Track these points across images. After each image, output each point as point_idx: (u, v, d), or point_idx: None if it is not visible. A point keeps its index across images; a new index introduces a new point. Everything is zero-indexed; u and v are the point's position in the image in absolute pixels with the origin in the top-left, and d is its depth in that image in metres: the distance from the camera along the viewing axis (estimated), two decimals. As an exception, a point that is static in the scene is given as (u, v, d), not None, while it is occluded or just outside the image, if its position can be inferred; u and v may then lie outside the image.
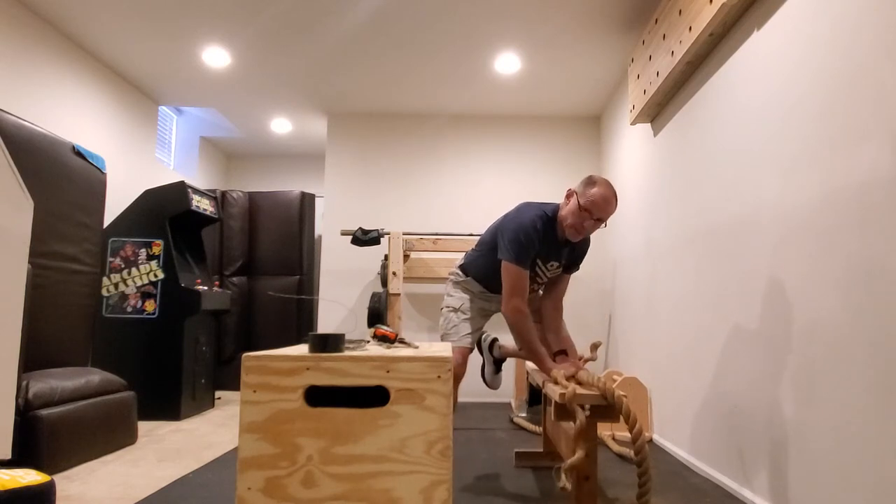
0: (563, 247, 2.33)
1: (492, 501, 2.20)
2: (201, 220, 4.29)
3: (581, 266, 2.53)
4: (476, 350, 2.72)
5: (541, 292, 2.61)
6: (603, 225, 2.21)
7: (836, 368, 1.71)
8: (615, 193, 2.19)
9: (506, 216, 2.33)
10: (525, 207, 2.30)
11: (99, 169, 3.17)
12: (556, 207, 2.29)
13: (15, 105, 3.36)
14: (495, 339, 2.74)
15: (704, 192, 2.72)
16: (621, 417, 1.74)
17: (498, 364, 2.71)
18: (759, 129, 2.22)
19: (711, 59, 2.68)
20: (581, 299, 4.69)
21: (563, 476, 1.77)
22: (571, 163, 4.98)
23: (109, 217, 3.75)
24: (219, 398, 4.56)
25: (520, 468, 2.68)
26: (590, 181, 2.18)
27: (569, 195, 2.22)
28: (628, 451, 2.81)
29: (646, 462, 1.72)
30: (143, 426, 3.45)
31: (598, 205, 2.14)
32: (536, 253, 2.27)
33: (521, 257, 2.20)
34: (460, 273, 2.52)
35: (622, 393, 1.76)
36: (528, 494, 2.29)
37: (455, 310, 2.45)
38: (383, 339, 1.68)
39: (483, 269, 2.41)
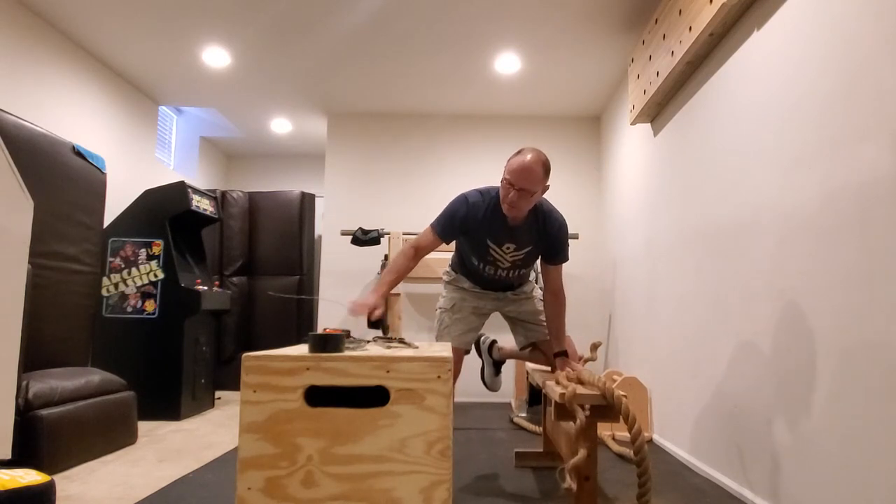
0: (521, 229, 2.25)
1: (492, 501, 2.20)
2: (201, 220, 4.29)
3: (581, 266, 2.52)
4: (475, 352, 2.72)
5: (536, 290, 2.61)
6: (532, 195, 2.12)
7: (836, 368, 1.71)
8: (540, 161, 2.10)
9: None
10: (476, 188, 2.32)
11: (99, 169, 3.17)
12: None
13: (15, 105, 3.36)
14: (494, 342, 2.74)
15: (704, 192, 2.72)
16: (621, 417, 1.74)
17: (497, 366, 2.71)
18: (759, 129, 2.22)
19: (711, 59, 2.68)
20: (581, 299, 4.69)
21: (567, 477, 1.77)
22: (571, 163, 4.99)
23: (109, 217, 3.75)
24: (219, 398, 4.56)
25: (520, 468, 2.68)
26: (515, 152, 2.17)
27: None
28: (628, 451, 2.81)
29: (645, 462, 1.72)
30: (143, 426, 3.45)
31: (513, 171, 2.09)
32: (484, 234, 2.26)
33: (437, 223, 2.27)
34: (451, 271, 2.53)
35: (622, 393, 1.77)
36: (528, 494, 2.29)
37: (447, 310, 2.45)
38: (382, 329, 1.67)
39: (463, 263, 2.43)
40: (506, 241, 2.28)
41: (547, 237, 2.29)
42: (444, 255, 4.54)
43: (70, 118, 3.87)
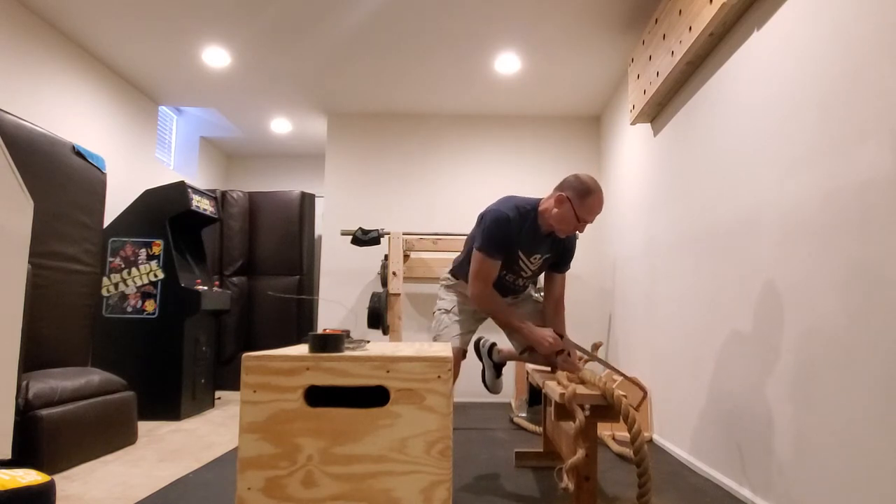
0: (546, 238, 2.33)
1: (492, 501, 2.20)
2: (201, 220, 4.29)
3: (580, 265, 2.53)
4: (475, 355, 2.72)
5: (532, 291, 2.62)
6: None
7: (835, 368, 1.71)
8: (601, 187, 2.23)
9: (486, 209, 2.33)
10: (504, 200, 2.31)
11: (99, 169, 3.17)
12: (537, 201, 2.30)
13: (15, 105, 3.36)
14: (494, 344, 2.73)
15: (704, 191, 2.72)
16: (621, 417, 1.74)
17: (498, 368, 2.70)
18: (759, 129, 2.22)
19: (711, 59, 2.68)
20: (581, 299, 4.69)
21: (564, 477, 1.77)
22: (571, 163, 4.98)
23: (109, 217, 3.75)
24: (219, 398, 4.56)
25: (520, 468, 2.68)
26: (583, 189, 2.16)
27: (559, 200, 2.19)
28: (628, 451, 2.81)
29: (645, 462, 1.72)
30: (143, 426, 3.45)
31: (595, 212, 2.21)
32: (518, 245, 2.28)
33: (490, 247, 2.24)
34: (451, 277, 2.53)
35: (622, 393, 1.77)
36: (528, 494, 2.29)
37: (446, 311, 2.46)
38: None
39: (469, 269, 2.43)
40: (536, 252, 2.34)
41: (563, 247, 2.40)
42: (442, 256, 4.56)
43: (70, 118, 3.86)
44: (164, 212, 3.92)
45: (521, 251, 2.31)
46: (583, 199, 2.16)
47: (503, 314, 2.33)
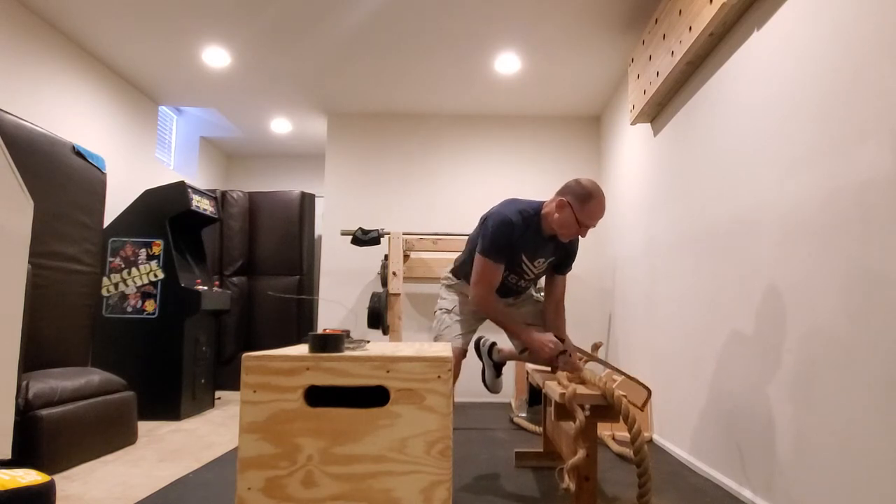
0: (549, 241, 2.33)
1: (492, 501, 2.20)
2: (201, 220, 4.29)
3: (581, 266, 2.53)
4: (476, 355, 2.72)
5: (533, 291, 2.62)
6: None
7: (835, 368, 1.71)
8: (602, 192, 2.22)
9: (488, 212, 2.33)
10: (507, 203, 2.31)
11: (99, 169, 3.17)
12: (540, 205, 2.30)
13: (15, 105, 3.36)
14: (494, 344, 2.74)
15: (704, 192, 2.72)
16: (621, 417, 1.74)
17: (498, 368, 2.71)
18: (759, 129, 2.22)
19: (711, 59, 2.68)
20: (581, 299, 4.69)
21: (565, 477, 1.77)
22: (572, 163, 4.99)
23: (109, 217, 3.75)
24: (219, 398, 4.56)
25: (520, 468, 2.68)
26: (584, 194, 2.16)
27: (560, 205, 2.19)
28: (628, 451, 2.81)
29: (645, 462, 1.72)
30: (143, 426, 3.45)
31: (596, 216, 2.20)
32: (521, 249, 2.28)
33: (493, 251, 2.23)
34: (452, 277, 2.53)
35: (622, 393, 1.77)
36: (528, 494, 2.29)
37: (448, 311, 2.46)
38: None
39: (471, 270, 2.43)
40: (539, 256, 2.34)
41: (566, 250, 2.40)
42: (442, 256, 4.56)
43: (70, 118, 3.86)
44: (164, 212, 3.92)
45: (525, 255, 2.31)
46: (583, 203, 2.16)
47: (504, 319, 2.33)
